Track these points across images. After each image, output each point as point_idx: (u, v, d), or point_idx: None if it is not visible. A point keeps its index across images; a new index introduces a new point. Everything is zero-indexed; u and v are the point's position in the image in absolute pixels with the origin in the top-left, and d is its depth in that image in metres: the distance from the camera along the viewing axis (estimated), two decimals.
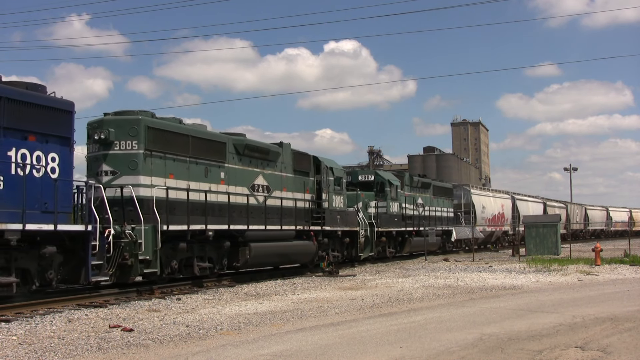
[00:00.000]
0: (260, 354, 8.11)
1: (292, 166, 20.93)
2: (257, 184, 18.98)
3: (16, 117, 11.87)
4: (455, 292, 15.27)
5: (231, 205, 17.35)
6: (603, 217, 71.53)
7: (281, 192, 20.10)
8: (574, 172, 78.58)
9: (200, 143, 16.79)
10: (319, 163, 22.69)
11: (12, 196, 11.59)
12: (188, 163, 16.33)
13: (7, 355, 8.10)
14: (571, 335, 9.21)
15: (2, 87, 11.83)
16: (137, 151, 14.95)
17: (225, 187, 17.49)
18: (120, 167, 14.93)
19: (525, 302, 13.24)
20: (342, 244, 24.01)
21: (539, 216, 40.38)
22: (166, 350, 8.45)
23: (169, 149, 15.76)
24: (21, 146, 11.92)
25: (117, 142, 14.95)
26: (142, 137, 14.99)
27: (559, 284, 17.16)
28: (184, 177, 16.11)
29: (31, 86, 12.71)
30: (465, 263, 26.82)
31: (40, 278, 12.56)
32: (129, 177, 14.84)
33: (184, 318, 11.22)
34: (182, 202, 15.68)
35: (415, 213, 31.50)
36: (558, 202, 60.13)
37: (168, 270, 15.51)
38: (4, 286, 11.57)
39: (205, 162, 16.90)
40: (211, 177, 17.07)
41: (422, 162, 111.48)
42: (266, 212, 18.87)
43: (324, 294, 15.06)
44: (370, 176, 29.26)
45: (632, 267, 22.41)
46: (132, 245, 14.09)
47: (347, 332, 9.68)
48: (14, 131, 11.85)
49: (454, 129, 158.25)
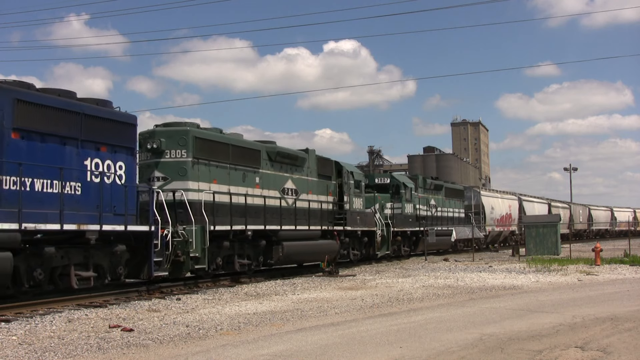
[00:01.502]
0: (260, 354, 8.11)
1: (316, 171, 22.64)
2: (287, 188, 20.63)
3: (91, 130, 13.44)
4: (455, 292, 15.27)
5: (266, 207, 18.92)
6: (607, 217, 72.08)
7: (307, 195, 21.77)
8: (573, 172, 78.73)
9: (239, 151, 18.45)
10: (341, 168, 24.45)
11: (89, 200, 13.23)
12: (228, 169, 17.92)
13: (7, 355, 8.10)
14: (571, 335, 9.21)
15: (80, 104, 13.40)
16: (186, 159, 16.48)
17: (260, 190, 19.13)
18: (171, 173, 16.45)
19: (525, 302, 13.24)
20: (361, 243, 25.67)
21: (539, 216, 40.41)
22: (166, 350, 8.44)
23: (213, 156, 17.33)
24: (95, 156, 13.57)
25: (167, 151, 16.48)
26: (190, 147, 16.52)
27: (559, 284, 17.15)
28: (225, 182, 17.67)
29: (100, 102, 14.22)
30: (465, 263, 26.82)
31: (111, 273, 14.10)
32: (179, 182, 16.35)
33: (184, 318, 11.22)
34: (225, 204, 17.15)
35: (428, 214, 33.33)
36: (562, 203, 61.11)
37: (213, 267, 16.94)
38: (84, 279, 13.24)
39: (243, 168, 18.53)
40: (248, 182, 18.66)
41: (422, 162, 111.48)
42: (296, 214, 20.56)
43: (324, 294, 15.05)
44: (386, 179, 31.21)
45: (632, 267, 22.40)
46: (184, 244, 15.56)
47: (347, 332, 9.68)
48: (89, 143, 13.43)
49: (454, 129, 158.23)
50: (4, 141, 11.81)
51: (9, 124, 11.90)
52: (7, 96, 11.92)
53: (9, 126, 11.91)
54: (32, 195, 12.08)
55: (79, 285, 13.24)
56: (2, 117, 11.78)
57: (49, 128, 12.66)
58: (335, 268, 20.98)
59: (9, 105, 11.90)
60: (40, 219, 12.08)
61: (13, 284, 12.17)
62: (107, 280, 14.07)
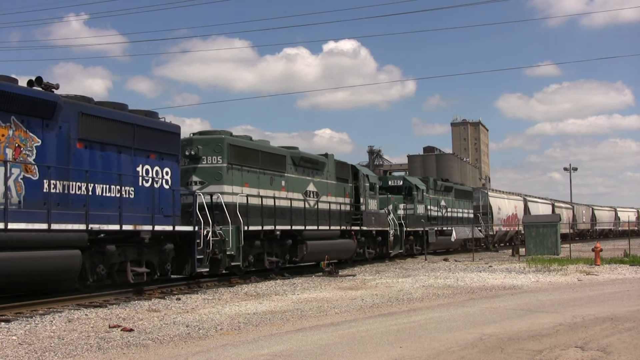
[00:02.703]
0: (260, 354, 8.11)
1: (335, 174, 24.07)
2: (309, 190, 22.06)
3: (142, 139, 14.77)
4: (455, 292, 15.27)
5: (292, 209, 20.35)
6: (611, 217, 72.88)
7: (327, 197, 23.21)
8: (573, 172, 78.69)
9: (267, 156, 19.82)
10: (357, 171, 26.02)
11: (140, 203, 14.59)
12: (258, 173, 19.26)
13: (7, 355, 8.10)
14: (571, 335, 9.21)
15: (133, 116, 14.79)
16: (221, 165, 17.80)
17: (285, 193, 20.52)
18: (207, 178, 17.72)
19: (525, 302, 13.24)
20: (376, 242, 27.19)
21: (539, 216, 40.49)
22: (166, 350, 8.44)
23: (244, 162, 18.64)
24: (145, 163, 14.93)
25: (204, 157, 17.81)
26: (225, 153, 17.81)
27: (559, 284, 17.15)
28: (255, 186, 19.02)
29: (148, 113, 15.58)
30: (465, 263, 26.82)
31: (160, 269, 15.41)
32: (215, 186, 17.63)
33: (184, 318, 11.22)
34: (256, 206, 18.54)
35: (439, 214, 34.82)
36: (565, 203, 62.36)
37: (246, 264, 18.17)
38: (138, 275, 14.58)
39: (270, 172, 19.90)
40: (275, 185, 20.03)
41: (422, 162, 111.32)
42: (318, 215, 22.02)
43: (324, 294, 15.06)
44: (399, 181, 32.80)
45: (632, 267, 22.40)
46: (221, 242, 16.95)
47: (347, 332, 9.68)
48: (140, 151, 14.78)
49: (454, 129, 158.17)
50: (71, 150, 13.15)
51: (75, 134, 13.22)
52: (74, 110, 13.23)
53: (75, 137, 13.23)
54: (95, 199, 13.44)
55: (134, 280, 14.51)
56: (69, 129, 13.11)
57: (108, 138, 14.02)
58: (335, 268, 21.02)
59: (75, 118, 13.22)
60: (102, 220, 13.44)
61: (79, 279, 13.32)
62: (156, 276, 15.31)
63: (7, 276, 11.62)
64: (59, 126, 12.90)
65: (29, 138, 12.33)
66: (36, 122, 12.47)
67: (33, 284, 12.73)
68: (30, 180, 12.23)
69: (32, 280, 12.40)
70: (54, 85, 13.25)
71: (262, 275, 19.25)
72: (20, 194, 12.02)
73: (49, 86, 13.12)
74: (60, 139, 12.94)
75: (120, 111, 14.61)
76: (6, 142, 11.88)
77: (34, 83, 12.94)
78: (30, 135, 12.34)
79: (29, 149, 12.31)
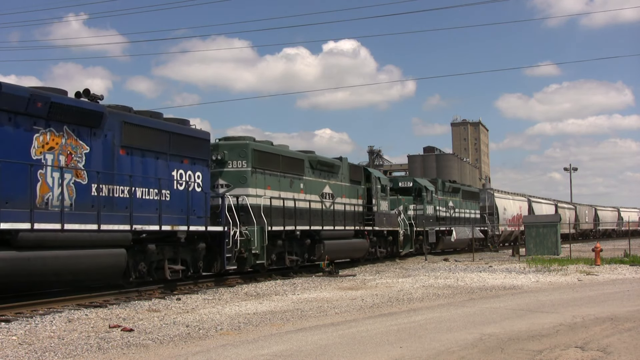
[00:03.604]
0: (260, 354, 8.11)
1: (348, 177, 25.15)
2: (325, 192, 23.13)
3: (176, 146, 15.91)
4: (455, 292, 15.27)
5: (310, 210, 21.44)
6: (614, 217, 73.56)
7: (342, 198, 24.31)
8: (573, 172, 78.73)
9: (287, 160, 20.96)
10: (369, 174, 27.29)
11: (175, 205, 15.66)
12: (279, 177, 20.36)
13: (7, 355, 8.10)
14: (571, 335, 9.21)
15: (168, 124, 15.98)
16: (246, 169, 18.87)
17: (304, 195, 21.59)
18: (233, 181, 18.80)
19: (525, 302, 13.24)
20: (387, 241, 28.32)
21: (539, 216, 40.58)
22: (166, 350, 8.44)
23: (267, 166, 19.69)
24: (179, 167, 16.04)
25: (230, 161, 18.89)
26: (249, 158, 18.89)
27: (559, 284, 17.15)
28: (277, 188, 20.08)
29: (180, 121, 16.73)
30: (465, 263, 26.82)
31: (193, 267, 16.40)
32: (240, 189, 18.68)
33: (184, 318, 11.22)
34: (278, 208, 19.59)
35: (447, 215, 36.04)
36: (568, 204, 63.25)
37: (269, 262, 19.12)
38: (174, 272, 15.61)
39: (290, 176, 20.99)
40: (294, 188, 21.14)
41: (422, 162, 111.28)
42: (334, 216, 23.09)
43: (324, 294, 15.06)
44: (409, 183, 33.96)
45: (632, 267, 22.40)
46: (247, 242, 17.92)
47: (347, 332, 9.68)
48: (175, 157, 15.91)
49: (454, 129, 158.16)
50: (115, 157, 14.24)
51: (118, 142, 14.30)
52: (117, 119, 14.30)
53: (118, 144, 14.31)
54: (136, 201, 14.46)
55: (170, 277, 15.51)
56: (113, 136, 14.18)
57: (146, 145, 15.08)
58: (335, 268, 21.04)
59: (118, 126, 14.27)
60: (143, 221, 14.49)
61: (122, 276, 14.31)
62: (190, 273, 16.33)
63: (65, 273, 12.78)
64: (104, 134, 14.01)
65: (79, 146, 13.43)
66: (85, 131, 13.58)
67: (84, 280, 13.78)
68: (80, 184, 13.31)
69: (84, 276, 13.48)
70: (99, 96, 14.30)
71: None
72: (72, 197, 13.08)
73: (94, 97, 14.20)
74: (106, 146, 14.05)
75: (157, 119, 15.77)
76: (60, 149, 12.98)
77: (81, 94, 14.00)
78: (80, 143, 13.45)
79: (79, 155, 13.41)
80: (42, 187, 12.45)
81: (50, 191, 12.60)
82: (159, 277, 15.45)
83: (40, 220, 12.07)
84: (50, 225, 12.30)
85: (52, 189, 12.64)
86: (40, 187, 12.40)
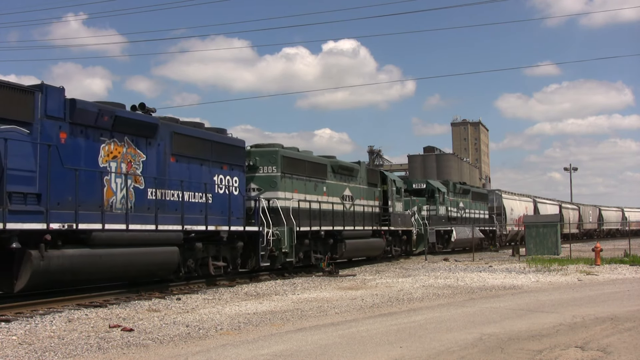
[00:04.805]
0: (260, 353, 8.11)
1: (366, 180, 26.68)
2: (345, 195, 24.64)
3: (217, 153, 17.42)
4: (455, 292, 15.26)
5: (333, 212, 22.93)
6: (618, 217, 74.53)
7: (360, 200, 25.78)
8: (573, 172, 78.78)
9: (312, 166, 22.52)
10: (385, 177, 28.94)
11: (216, 207, 17.10)
12: (305, 181, 21.84)
13: (7, 355, 8.10)
14: (571, 335, 9.21)
15: (209, 133, 17.56)
16: (276, 174, 20.36)
17: (327, 197, 23.04)
18: (264, 185, 20.23)
19: (525, 302, 13.24)
20: (401, 240, 29.91)
21: (539, 216, 40.67)
22: (166, 350, 8.44)
23: (294, 171, 21.21)
24: (219, 173, 17.58)
25: (261, 167, 20.37)
26: (279, 164, 20.39)
27: (559, 284, 17.15)
28: (303, 191, 21.53)
29: (219, 130, 18.32)
30: (465, 263, 26.82)
31: (232, 263, 17.91)
32: (270, 192, 20.11)
33: (184, 318, 11.22)
34: (305, 210, 21.02)
35: (458, 215, 37.80)
36: (572, 204, 64.82)
37: (297, 260, 20.58)
38: (217, 268, 17.13)
39: (314, 180, 22.49)
40: (318, 191, 22.61)
41: (422, 162, 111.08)
42: (354, 216, 24.54)
43: (324, 294, 15.05)
44: (422, 184, 35.67)
45: (632, 267, 22.40)
46: (277, 241, 19.32)
47: (347, 332, 9.68)
48: (216, 163, 17.43)
49: (454, 128, 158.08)
50: (166, 164, 15.76)
51: (169, 150, 15.85)
52: (168, 130, 15.86)
53: (169, 152, 15.86)
54: (184, 204, 15.90)
55: (214, 273, 17.04)
56: (165, 145, 15.73)
57: (192, 152, 16.60)
58: (335, 268, 21.06)
59: (168, 136, 15.83)
60: (191, 222, 15.96)
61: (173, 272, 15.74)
62: (229, 269, 17.76)
63: (129, 268, 14.28)
64: (158, 143, 15.53)
65: (137, 154, 14.94)
66: (142, 141, 15.07)
67: (145, 274, 15.22)
68: (138, 189, 14.84)
69: (145, 271, 14.95)
70: (152, 109, 15.98)
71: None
72: (132, 201, 14.54)
73: (148, 110, 15.85)
74: (159, 154, 15.58)
75: (200, 129, 17.37)
76: (121, 158, 14.47)
77: (137, 108, 15.70)
78: (138, 151, 14.96)
79: (137, 163, 14.92)
80: (108, 191, 13.99)
81: (114, 195, 14.16)
82: (203, 272, 16.86)
83: (106, 221, 13.57)
84: (117, 225, 13.80)
85: (115, 193, 14.19)
86: (106, 192, 13.92)
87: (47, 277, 12.37)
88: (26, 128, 12.27)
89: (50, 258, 12.18)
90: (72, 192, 12.85)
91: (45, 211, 12.23)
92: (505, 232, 44.38)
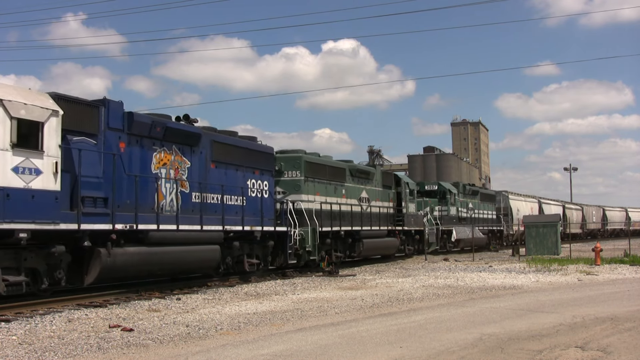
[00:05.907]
0: (260, 353, 8.11)
1: (381, 182, 28.11)
2: (362, 197, 26.01)
3: (249, 159, 18.98)
4: (455, 292, 15.26)
5: (352, 213, 24.34)
6: (622, 217, 75.34)
7: (376, 202, 27.18)
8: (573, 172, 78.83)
9: (332, 170, 23.98)
10: (399, 179, 30.52)
11: (251, 209, 18.59)
12: (325, 184, 23.21)
13: (7, 355, 8.10)
14: (571, 335, 9.21)
15: (243, 141, 19.16)
16: (299, 178, 21.74)
17: (345, 200, 24.48)
18: (288, 188, 21.56)
19: (525, 302, 13.24)
20: (414, 240, 31.57)
21: (539, 216, 40.72)
22: (166, 350, 8.44)
23: (316, 175, 22.60)
24: (252, 177, 19.09)
25: (286, 172, 21.70)
26: (302, 169, 21.79)
27: (559, 284, 17.15)
28: (324, 194, 22.91)
29: (250, 138, 20.03)
30: (465, 263, 26.83)
31: (263, 261, 19.45)
32: (295, 195, 21.44)
33: (184, 318, 11.22)
34: (326, 211, 22.43)
35: (467, 215, 39.38)
36: (575, 205, 65.87)
37: (318, 258, 21.73)
38: (251, 265, 18.66)
39: (334, 183, 23.93)
40: (337, 193, 24.03)
41: (422, 162, 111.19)
42: (371, 217, 25.92)
43: (324, 294, 15.05)
44: (434, 186, 37.26)
45: (632, 267, 22.40)
46: (302, 241, 20.66)
47: (347, 332, 9.68)
48: (249, 168, 18.94)
49: (454, 128, 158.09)
50: (207, 170, 17.19)
51: (210, 157, 17.30)
52: (209, 139, 17.33)
53: (210, 159, 17.30)
54: (224, 206, 17.33)
55: (249, 269, 18.49)
56: (206, 153, 17.17)
57: (229, 159, 18.09)
58: (335, 268, 21.08)
59: (209, 145, 17.29)
60: (230, 223, 17.44)
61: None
62: (261, 266, 19.22)
63: (179, 265, 15.93)
64: (200, 151, 16.95)
65: (183, 161, 16.34)
66: (187, 149, 16.50)
67: (193, 270, 17.03)
68: (184, 192, 16.25)
69: (192, 268, 16.75)
70: (195, 119, 17.45)
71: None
72: (179, 204, 15.91)
73: (192, 121, 17.30)
74: (201, 161, 16.97)
75: (235, 137, 18.91)
76: (170, 165, 15.88)
77: (181, 119, 17.05)
78: (184, 159, 16.38)
79: (183, 169, 16.33)
80: (159, 195, 15.35)
81: (164, 198, 15.57)
82: (238, 269, 18.33)
83: (160, 222, 14.90)
84: (168, 226, 15.19)
85: (165, 196, 15.63)
86: (158, 195, 15.28)
87: (113, 272, 13.83)
88: (93, 139, 13.62)
89: (115, 255, 13.60)
90: (131, 196, 14.32)
91: (111, 213, 13.62)
92: (512, 232, 45.85)
